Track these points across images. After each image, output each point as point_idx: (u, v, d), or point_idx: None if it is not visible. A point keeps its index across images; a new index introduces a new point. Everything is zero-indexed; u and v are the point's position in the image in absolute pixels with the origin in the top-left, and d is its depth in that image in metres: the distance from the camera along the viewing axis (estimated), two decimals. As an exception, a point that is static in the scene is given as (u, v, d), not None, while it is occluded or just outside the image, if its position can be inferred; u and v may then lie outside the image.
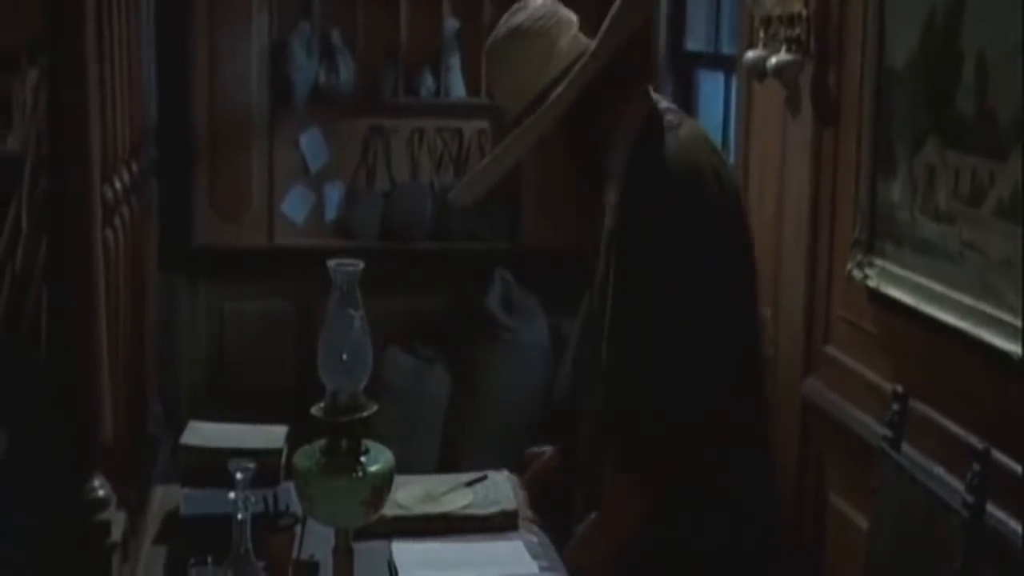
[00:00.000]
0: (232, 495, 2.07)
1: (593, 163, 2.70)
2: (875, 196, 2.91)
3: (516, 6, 2.71)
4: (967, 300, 2.51)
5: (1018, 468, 2.30)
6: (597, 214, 2.71)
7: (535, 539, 2.66)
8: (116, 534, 2.35)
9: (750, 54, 3.50)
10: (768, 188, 3.56)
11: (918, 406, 2.59)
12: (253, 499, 2.11)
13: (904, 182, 2.77)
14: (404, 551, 2.52)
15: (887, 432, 2.50)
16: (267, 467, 2.56)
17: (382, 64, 5.12)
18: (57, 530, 2.34)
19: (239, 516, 2.07)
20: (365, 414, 2.03)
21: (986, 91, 2.45)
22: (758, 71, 3.45)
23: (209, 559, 2.18)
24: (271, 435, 2.83)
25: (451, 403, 5.03)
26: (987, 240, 2.45)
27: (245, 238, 5.15)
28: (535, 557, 2.59)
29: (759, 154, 3.68)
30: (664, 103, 2.70)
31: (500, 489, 2.86)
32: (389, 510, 2.45)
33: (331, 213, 5.24)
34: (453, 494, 2.82)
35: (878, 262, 2.90)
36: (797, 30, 3.27)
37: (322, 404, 2.04)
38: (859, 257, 2.96)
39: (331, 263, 2.01)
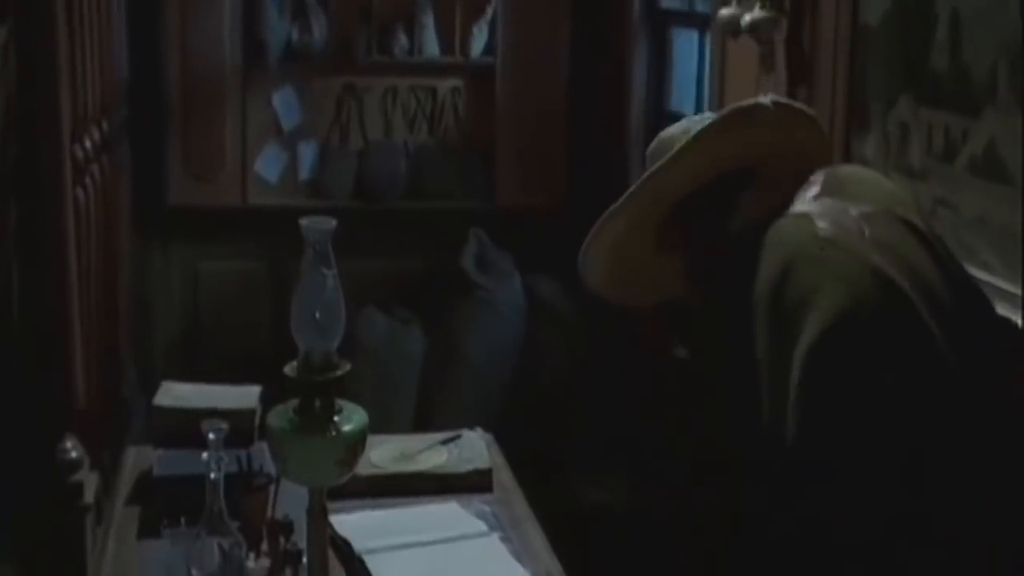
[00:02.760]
0: (205, 455, 2.07)
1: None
2: (849, 153, 2.91)
3: None
4: (940, 257, 2.51)
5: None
6: None
7: (487, 508, 2.64)
8: (89, 495, 2.35)
9: (724, 11, 3.48)
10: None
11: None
12: (226, 459, 2.11)
13: (878, 139, 2.77)
14: (345, 523, 2.45)
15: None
16: (240, 427, 2.54)
17: (355, 22, 5.08)
18: (30, 492, 2.34)
19: (212, 476, 2.07)
20: (339, 373, 2.02)
21: (960, 48, 2.45)
22: (732, 28, 3.43)
23: (182, 520, 2.18)
24: (244, 395, 2.82)
25: (426, 363, 5.03)
26: (960, 198, 2.45)
27: (219, 198, 5.11)
28: (480, 518, 2.57)
29: (733, 112, 3.67)
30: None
31: (474, 448, 2.86)
32: (363, 469, 2.44)
33: (305, 172, 5.22)
34: (428, 453, 2.82)
35: (852, 220, 2.90)
36: (771, -13, 3.26)
37: (295, 363, 2.03)
38: (833, 215, 2.96)
39: (304, 221, 1.99)
